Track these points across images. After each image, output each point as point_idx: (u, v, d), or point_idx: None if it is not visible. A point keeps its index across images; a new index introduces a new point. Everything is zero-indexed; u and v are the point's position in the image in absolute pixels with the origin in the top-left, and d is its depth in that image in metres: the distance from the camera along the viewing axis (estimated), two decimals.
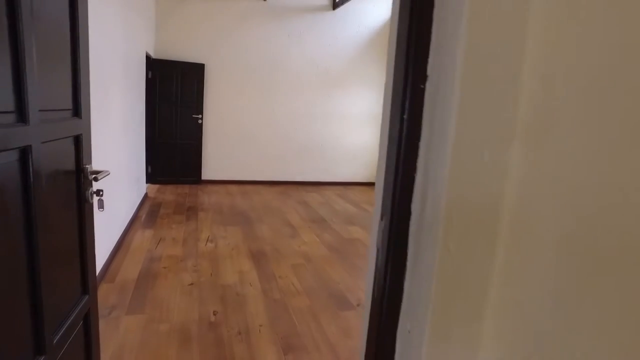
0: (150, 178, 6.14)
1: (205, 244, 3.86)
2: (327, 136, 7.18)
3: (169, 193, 5.78)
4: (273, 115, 6.82)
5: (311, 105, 6.99)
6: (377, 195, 0.81)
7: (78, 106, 1.33)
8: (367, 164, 7.52)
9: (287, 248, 3.93)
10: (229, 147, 6.68)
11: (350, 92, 7.15)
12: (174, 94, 6.13)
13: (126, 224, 4.03)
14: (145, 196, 5.39)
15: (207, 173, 6.64)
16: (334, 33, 6.86)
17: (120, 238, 3.68)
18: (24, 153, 0.97)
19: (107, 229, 3.23)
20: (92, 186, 1.42)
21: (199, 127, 6.38)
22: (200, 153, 6.48)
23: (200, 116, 6.34)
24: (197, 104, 6.29)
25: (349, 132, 7.29)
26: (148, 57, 5.69)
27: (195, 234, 4.11)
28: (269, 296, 2.93)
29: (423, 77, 0.70)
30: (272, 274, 3.32)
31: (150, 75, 5.85)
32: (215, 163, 6.67)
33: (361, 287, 3.20)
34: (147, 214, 4.68)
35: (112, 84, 3.37)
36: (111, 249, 3.35)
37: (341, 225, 4.86)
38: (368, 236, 4.47)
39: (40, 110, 1.02)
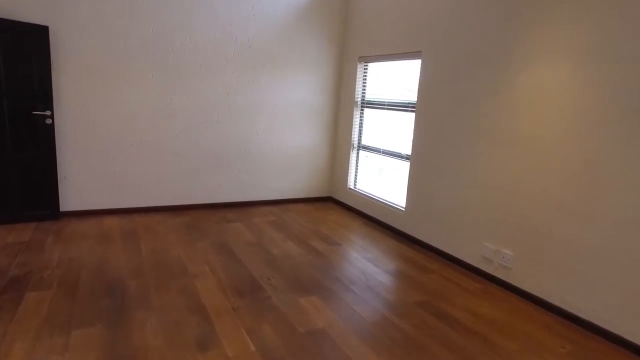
0: None
1: None
2: (254, 137, 5.17)
3: None
4: (173, 108, 4.63)
5: (229, 94, 4.90)
6: None
7: None
8: (309, 172, 5.65)
9: None
10: (105, 158, 4.38)
11: (282, 75, 5.18)
12: None
13: None
14: None
15: (70, 201, 4.28)
16: None
17: None
18: None
19: None
20: None
21: (49, 130, 4.00)
22: (54, 170, 4.10)
23: (48, 112, 3.96)
24: (40, 92, 3.90)
25: (283, 130, 5.34)
26: None
27: None
28: None
29: None
30: None
31: None
32: (84, 184, 4.32)
33: None
34: None
35: None
36: None
37: (287, 294, 2.95)
38: (339, 320, 2.62)
39: None
